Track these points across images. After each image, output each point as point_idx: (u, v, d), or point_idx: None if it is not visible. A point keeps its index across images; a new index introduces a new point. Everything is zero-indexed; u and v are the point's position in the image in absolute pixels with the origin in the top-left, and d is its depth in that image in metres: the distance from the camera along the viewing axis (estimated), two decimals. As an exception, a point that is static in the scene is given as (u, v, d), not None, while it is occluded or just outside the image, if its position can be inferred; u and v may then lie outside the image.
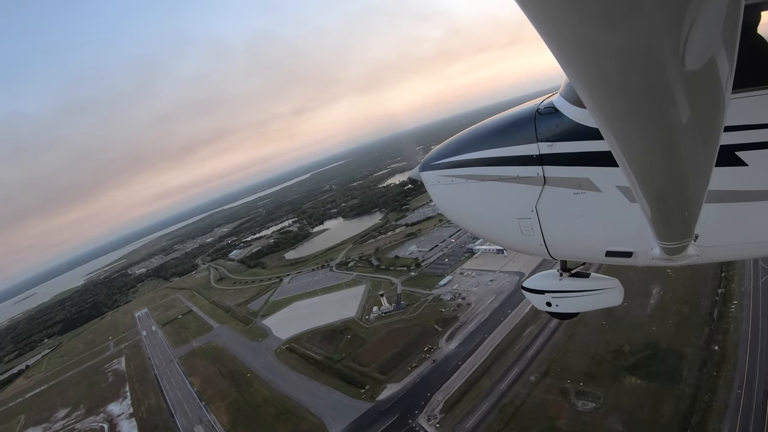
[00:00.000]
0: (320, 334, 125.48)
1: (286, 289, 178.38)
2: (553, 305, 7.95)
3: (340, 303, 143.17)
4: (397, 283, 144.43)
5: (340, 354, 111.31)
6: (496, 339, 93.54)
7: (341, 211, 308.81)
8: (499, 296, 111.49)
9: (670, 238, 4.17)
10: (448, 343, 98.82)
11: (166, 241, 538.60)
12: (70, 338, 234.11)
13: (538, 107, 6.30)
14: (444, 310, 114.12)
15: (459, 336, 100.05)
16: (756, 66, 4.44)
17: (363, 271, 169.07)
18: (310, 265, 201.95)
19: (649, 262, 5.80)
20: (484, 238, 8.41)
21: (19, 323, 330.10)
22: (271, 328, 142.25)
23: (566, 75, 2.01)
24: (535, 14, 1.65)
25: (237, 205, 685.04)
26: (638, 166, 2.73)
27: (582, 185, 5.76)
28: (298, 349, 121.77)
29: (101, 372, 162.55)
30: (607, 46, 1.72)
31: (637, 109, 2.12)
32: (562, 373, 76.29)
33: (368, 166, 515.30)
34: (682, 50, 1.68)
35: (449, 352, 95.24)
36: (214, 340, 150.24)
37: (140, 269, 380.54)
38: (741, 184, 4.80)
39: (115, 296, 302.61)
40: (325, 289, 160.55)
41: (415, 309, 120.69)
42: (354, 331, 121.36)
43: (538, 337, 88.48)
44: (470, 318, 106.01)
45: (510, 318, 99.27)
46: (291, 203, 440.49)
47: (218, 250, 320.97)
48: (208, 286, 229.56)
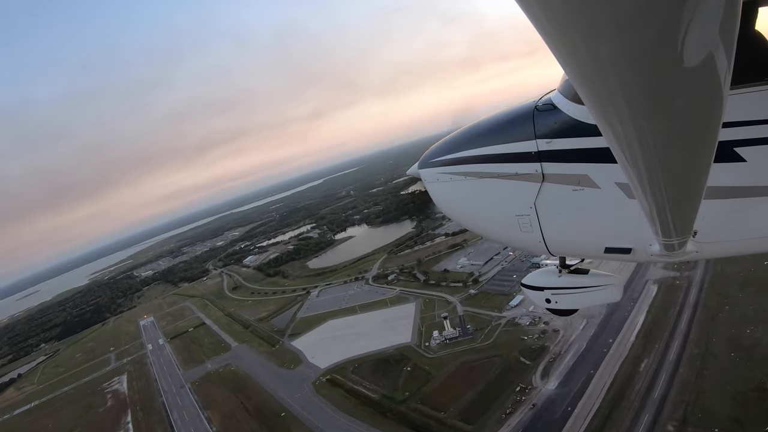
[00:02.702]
0: (369, 364, 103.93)
1: (315, 303, 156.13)
2: (552, 302, 7.97)
3: (387, 324, 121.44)
4: (455, 303, 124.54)
5: (401, 392, 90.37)
6: (606, 376, 76.80)
7: (365, 217, 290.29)
8: (591, 322, 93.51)
9: (669, 234, 4.11)
10: (545, 382, 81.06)
11: (174, 242, 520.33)
12: (69, 345, 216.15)
13: (537, 104, 6.26)
14: (526, 338, 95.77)
15: (556, 372, 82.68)
16: (754, 62, 4.40)
17: (407, 286, 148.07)
18: (339, 276, 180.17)
19: (648, 258, 5.82)
20: (483, 235, 8.17)
21: (18, 322, 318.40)
22: (304, 352, 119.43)
23: (564, 71, 2.00)
24: (533, 11, 1.65)
25: (247, 208, 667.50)
26: (637, 163, 2.70)
27: (580, 182, 5.73)
28: (343, 382, 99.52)
29: (99, 392, 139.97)
30: (604, 42, 1.72)
31: (636, 105, 2.10)
32: (704, 419, 62.17)
33: (385, 173, 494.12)
34: (680, 46, 1.68)
35: (550, 394, 77.58)
36: (233, 363, 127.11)
37: (146, 271, 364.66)
38: (739, 180, 4.81)
39: (119, 300, 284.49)
40: (364, 306, 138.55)
41: (487, 335, 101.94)
42: (414, 361, 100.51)
43: (659, 373, 73.10)
44: (563, 348, 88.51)
45: (615, 349, 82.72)
46: (306, 208, 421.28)
47: (230, 255, 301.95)
48: (221, 295, 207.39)
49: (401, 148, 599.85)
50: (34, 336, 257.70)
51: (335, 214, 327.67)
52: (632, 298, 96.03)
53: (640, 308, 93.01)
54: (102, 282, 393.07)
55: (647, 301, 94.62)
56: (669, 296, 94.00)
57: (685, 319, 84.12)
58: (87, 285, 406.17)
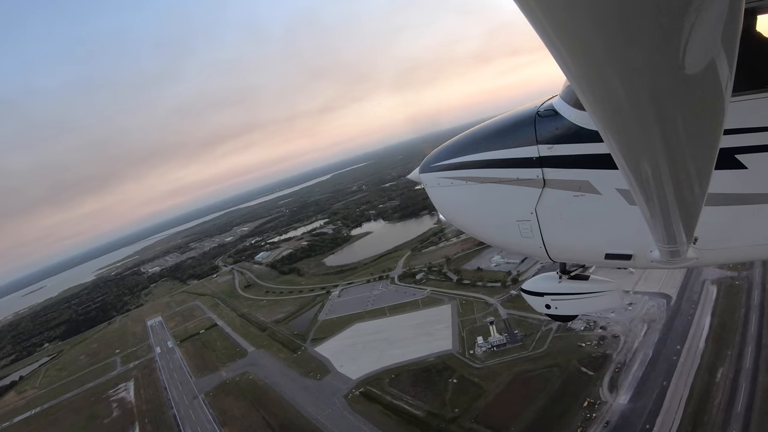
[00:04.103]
0: (408, 375, 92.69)
1: (337, 304, 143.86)
2: (552, 307, 7.72)
3: (422, 329, 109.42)
4: (496, 305, 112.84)
5: (450, 409, 79.66)
6: (681, 388, 69.98)
7: (381, 213, 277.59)
8: (653, 327, 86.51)
9: (670, 240, 4.11)
10: (614, 395, 73.01)
11: (182, 238, 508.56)
12: (72, 345, 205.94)
13: (538, 109, 6.20)
14: (584, 345, 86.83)
15: (625, 384, 74.82)
16: (755, 69, 4.39)
17: (438, 286, 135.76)
18: (361, 274, 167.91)
19: (649, 264, 5.75)
20: (484, 240, 7.92)
21: (23, 320, 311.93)
22: (331, 359, 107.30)
23: (566, 77, 2.01)
24: (534, 16, 1.63)
25: (255, 204, 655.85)
26: (638, 169, 2.72)
27: (581, 188, 5.68)
28: (380, 396, 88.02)
29: (104, 400, 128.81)
30: (606, 49, 1.71)
31: (637, 111, 2.09)
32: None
33: (396, 168, 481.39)
34: (682, 53, 1.67)
35: (622, 409, 69.77)
36: (251, 371, 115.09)
37: (154, 267, 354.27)
38: (741, 187, 4.77)
39: (126, 297, 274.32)
40: (394, 309, 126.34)
41: (539, 342, 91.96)
42: (460, 372, 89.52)
43: (737, 382, 67.10)
44: (627, 357, 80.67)
45: (686, 356, 75.88)
46: (317, 203, 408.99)
47: (241, 251, 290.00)
48: (233, 294, 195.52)
49: (410, 144, 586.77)
50: (38, 335, 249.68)
51: (348, 209, 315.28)
52: (692, 300, 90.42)
53: (703, 311, 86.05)
54: (108, 278, 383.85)
55: (709, 303, 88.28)
56: (731, 298, 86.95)
57: (753, 322, 78.42)
58: (93, 281, 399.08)
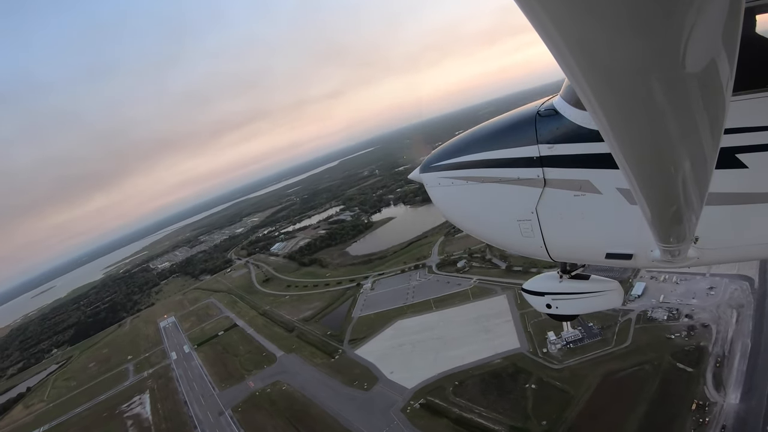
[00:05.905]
0: (475, 381, 79.21)
1: (372, 298, 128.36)
2: (553, 307, 7.68)
3: (478, 324, 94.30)
4: None
5: (535, 422, 66.85)
6: None
7: (401, 196, 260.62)
8: (743, 313, 77.58)
9: (671, 240, 4.11)
10: (723, 395, 64.76)
11: (190, 231, 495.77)
12: (82, 351, 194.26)
13: (539, 109, 6.20)
14: (673, 337, 78.15)
15: (731, 380, 66.56)
16: (756, 68, 4.37)
17: (486, 274, 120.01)
18: (392, 263, 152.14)
19: (649, 264, 5.77)
20: (484, 239, 7.83)
21: (31, 323, 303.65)
22: (377, 365, 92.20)
23: (566, 77, 2.00)
24: (535, 15, 1.63)
25: (263, 193, 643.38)
26: (638, 168, 2.74)
27: (582, 187, 5.67)
28: (446, 409, 74.46)
29: (118, 416, 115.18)
30: (607, 49, 1.72)
31: (638, 111, 2.10)
32: None
33: (407, 152, 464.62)
34: (683, 53, 1.67)
35: (737, 411, 61.64)
36: (283, 381, 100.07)
37: (163, 263, 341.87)
38: (741, 186, 4.76)
39: (135, 296, 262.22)
40: (440, 302, 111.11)
41: (620, 336, 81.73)
42: (537, 375, 76.36)
43: None
44: (725, 348, 72.16)
45: None
46: (328, 190, 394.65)
47: (254, 243, 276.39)
48: (251, 290, 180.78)
49: (416, 127, 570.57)
50: (46, 339, 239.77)
51: (365, 195, 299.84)
52: (781, 281, 78.79)
53: (795, 293, 75.09)
54: (117, 276, 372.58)
55: (801, 284, 76.11)
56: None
57: None
58: (102, 280, 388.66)
